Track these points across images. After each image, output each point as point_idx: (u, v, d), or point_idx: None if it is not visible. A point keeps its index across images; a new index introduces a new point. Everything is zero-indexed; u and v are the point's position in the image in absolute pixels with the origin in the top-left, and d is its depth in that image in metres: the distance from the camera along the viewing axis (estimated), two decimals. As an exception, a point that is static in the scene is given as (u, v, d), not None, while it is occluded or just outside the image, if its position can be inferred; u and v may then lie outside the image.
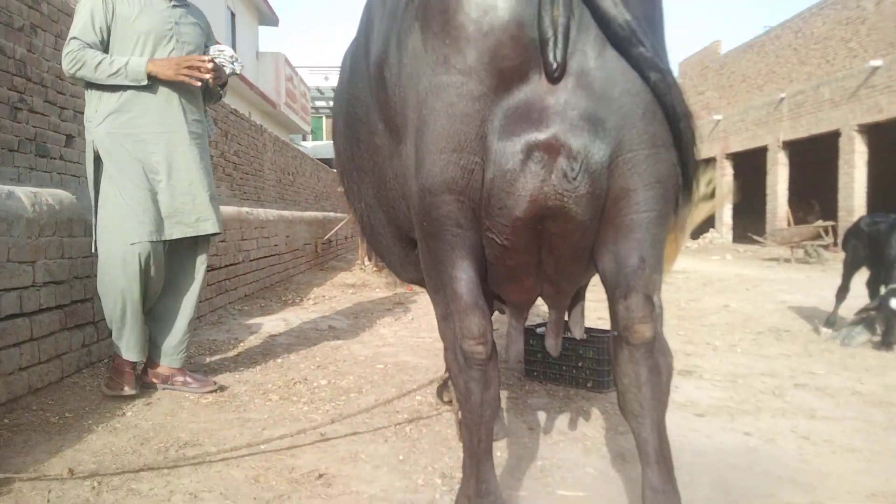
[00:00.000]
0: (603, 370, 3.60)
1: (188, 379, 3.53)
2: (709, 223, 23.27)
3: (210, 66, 3.30)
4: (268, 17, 26.13)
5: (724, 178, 22.48)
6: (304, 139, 33.42)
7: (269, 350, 4.65)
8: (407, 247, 2.31)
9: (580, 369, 3.67)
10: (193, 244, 3.56)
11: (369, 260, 2.91)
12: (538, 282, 1.92)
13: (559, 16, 1.53)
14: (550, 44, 1.54)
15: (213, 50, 3.62)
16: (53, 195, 3.41)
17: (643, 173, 1.64)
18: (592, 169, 1.61)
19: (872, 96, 15.50)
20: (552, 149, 1.59)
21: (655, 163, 1.65)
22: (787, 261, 14.30)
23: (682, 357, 4.69)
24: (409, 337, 5.33)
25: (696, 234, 24.20)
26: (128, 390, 3.32)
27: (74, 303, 3.55)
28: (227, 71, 3.59)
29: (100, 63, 3.18)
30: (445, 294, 1.81)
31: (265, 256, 7.99)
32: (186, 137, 3.40)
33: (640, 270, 1.65)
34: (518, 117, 1.60)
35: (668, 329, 5.80)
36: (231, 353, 4.49)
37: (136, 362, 3.41)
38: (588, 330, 3.79)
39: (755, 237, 17.43)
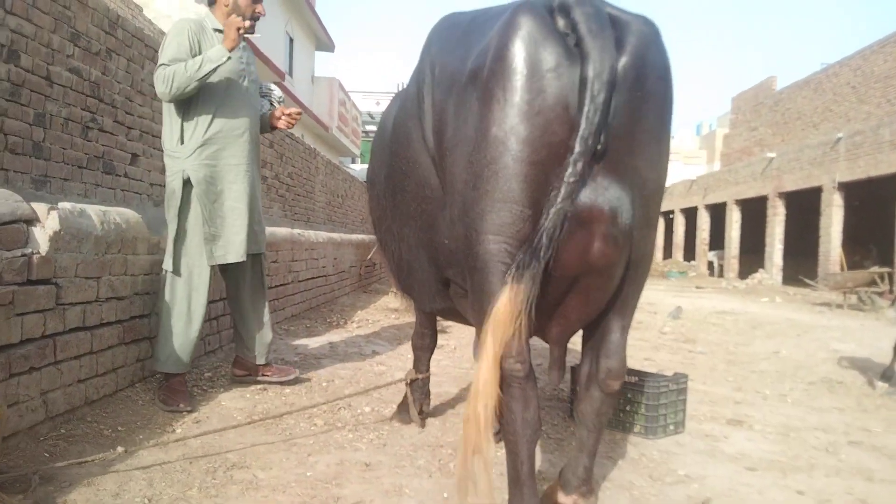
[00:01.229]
0: (652, 415, 3.54)
1: (272, 372, 4.15)
2: (759, 263, 22.79)
3: (248, 23, 3.59)
4: (324, 44, 26.72)
5: (776, 217, 21.99)
6: (353, 161, 33.90)
7: (314, 373, 4.70)
8: (438, 282, 2.67)
9: (627, 413, 3.62)
10: (258, 258, 4.04)
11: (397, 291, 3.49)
12: (570, 320, 2.26)
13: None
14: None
15: (264, 87, 4.22)
16: (121, 214, 3.53)
17: (637, 249, 2.07)
18: (624, 238, 1.99)
19: (936, 141, 15.08)
20: (599, 215, 1.93)
21: (648, 241, 2.13)
22: (840, 306, 13.89)
23: (731, 405, 4.59)
24: (452, 367, 5.33)
25: (744, 274, 23.71)
26: (183, 406, 3.51)
27: (133, 318, 3.65)
28: (274, 102, 4.19)
29: (185, 67, 3.42)
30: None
31: (313, 277, 8.10)
32: (256, 168, 3.85)
33: (621, 339, 2.22)
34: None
35: (717, 374, 5.72)
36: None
37: (185, 379, 3.73)
38: (637, 373, 3.75)
39: (806, 280, 17.00)
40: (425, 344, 3.62)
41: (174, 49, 3.52)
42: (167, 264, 3.63)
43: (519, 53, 1.86)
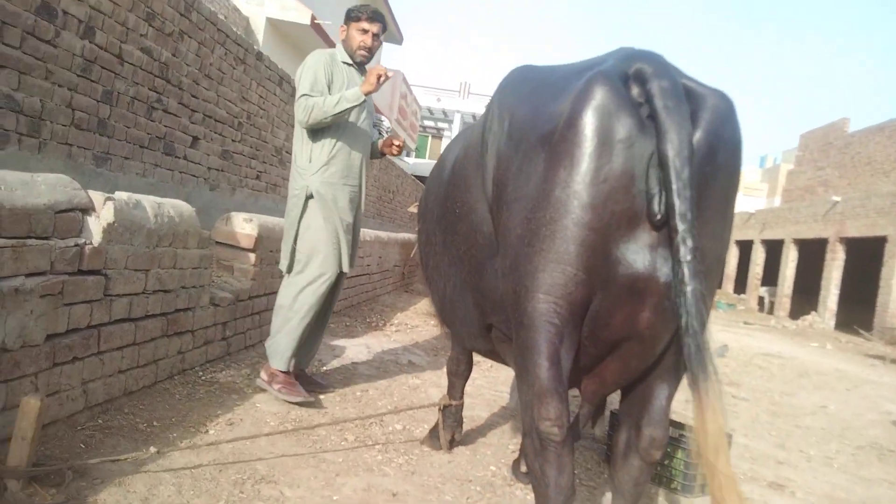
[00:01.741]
0: (691, 473, 3.41)
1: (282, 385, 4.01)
2: (811, 305, 22.12)
3: (391, 73, 3.98)
4: (393, 36, 26.80)
5: (834, 261, 21.30)
6: (408, 155, 34.01)
7: (349, 380, 4.66)
8: (480, 325, 2.69)
9: (665, 468, 3.49)
10: (342, 273, 4.16)
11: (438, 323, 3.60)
12: (614, 383, 2.26)
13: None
14: (655, 198, 1.86)
15: (375, 118, 4.49)
16: (175, 207, 3.53)
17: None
18: (667, 303, 1.93)
19: None
20: (653, 286, 1.92)
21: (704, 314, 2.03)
22: (894, 361, 13.37)
23: (773, 465, 4.41)
24: (487, 388, 5.24)
25: (795, 314, 23.06)
26: (306, 395, 3.90)
27: (178, 311, 3.66)
28: (383, 131, 4.45)
29: (324, 102, 3.78)
30: (528, 380, 1.99)
31: (357, 276, 8.09)
32: (364, 191, 4.19)
33: (666, 407, 2.15)
34: (625, 251, 1.91)
35: (759, 426, 5.51)
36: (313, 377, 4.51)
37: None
38: (678, 425, 3.61)
39: (861, 331, 16.42)
40: (460, 371, 3.57)
41: (312, 80, 3.88)
42: (282, 265, 4.04)
43: (591, 123, 1.88)
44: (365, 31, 4.09)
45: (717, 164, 1.94)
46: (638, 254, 1.91)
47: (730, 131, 1.99)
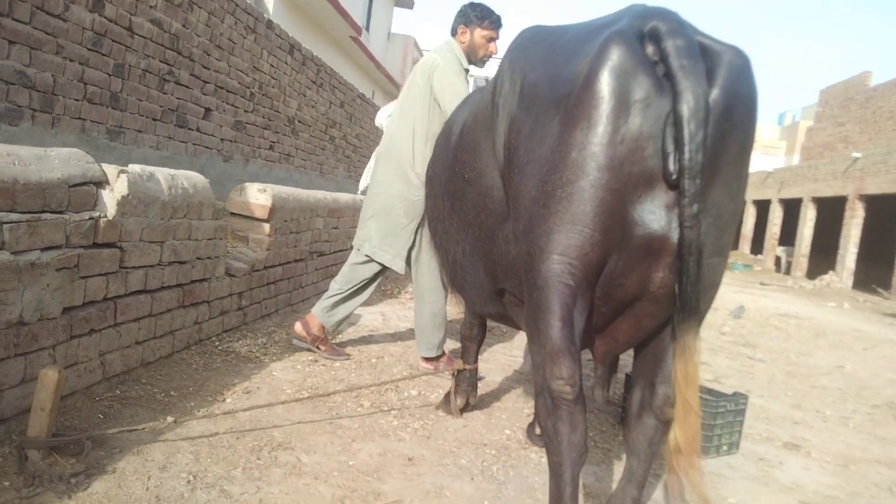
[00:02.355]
0: (707, 435, 3.42)
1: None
2: (829, 265, 21.93)
3: None
4: (404, 0, 26.49)
5: (853, 220, 21.03)
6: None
7: (365, 347, 4.71)
8: (492, 290, 2.69)
9: (679, 429, 3.51)
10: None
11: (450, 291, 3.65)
12: (622, 342, 2.28)
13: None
14: (671, 157, 1.85)
15: None
16: (188, 178, 3.54)
17: (709, 277, 1.98)
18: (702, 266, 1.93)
19: None
20: (669, 246, 1.92)
21: (717, 271, 2.04)
22: (914, 319, 13.26)
23: (788, 425, 4.42)
24: (502, 354, 5.27)
25: (812, 274, 22.88)
26: (342, 357, 4.31)
27: (193, 282, 3.70)
28: None
29: None
30: (540, 340, 2.00)
31: (371, 244, 8.10)
32: None
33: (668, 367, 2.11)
34: (642, 212, 1.91)
35: (775, 387, 5.51)
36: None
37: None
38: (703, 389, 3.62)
39: (879, 290, 16.27)
40: (473, 335, 3.59)
41: (461, 94, 3.75)
42: (394, 265, 4.20)
43: (608, 84, 1.87)
44: (491, 40, 4.05)
45: (734, 122, 1.92)
46: (654, 213, 1.91)
47: (746, 88, 1.97)
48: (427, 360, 4.33)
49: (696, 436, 1.96)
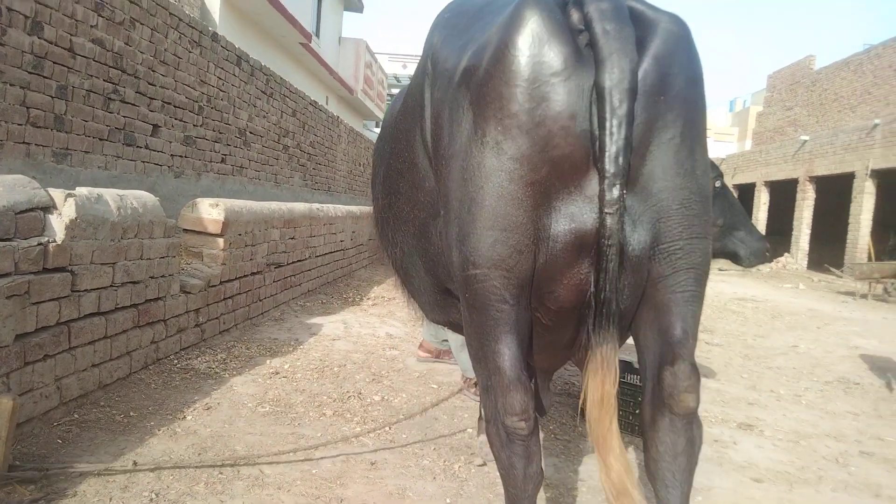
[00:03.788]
0: (659, 421, 3.52)
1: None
2: (784, 247, 22.49)
3: None
4: (353, 3, 26.41)
5: (805, 201, 21.62)
6: (377, 126, 33.76)
7: (327, 356, 4.73)
8: (438, 293, 2.36)
9: (636, 415, 3.61)
10: None
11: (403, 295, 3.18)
12: (571, 353, 1.98)
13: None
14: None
15: None
16: (138, 198, 3.54)
17: (679, 261, 1.72)
18: (635, 260, 1.69)
19: (975, 131, 14.63)
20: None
21: (689, 252, 1.73)
22: (864, 297, 13.69)
23: (744, 406, 4.56)
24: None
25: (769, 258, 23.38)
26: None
27: (148, 301, 3.69)
28: None
29: None
30: (488, 367, 1.79)
31: (331, 252, 8.12)
32: None
33: (685, 340, 1.70)
34: (569, 206, 1.66)
35: (732, 370, 5.68)
36: (290, 356, 4.58)
37: None
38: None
39: (832, 269, 16.75)
40: None
41: None
42: None
43: (520, 54, 1.63)
44: None
45: (673, 95, 1.69)
46: (586, 205, 1.65)
47: (684, 58, 1.73)
48: (468, 379, 4.15)
49: (625, 477, 1.64)
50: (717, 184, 3.39)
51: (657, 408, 1.73)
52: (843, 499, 3.13)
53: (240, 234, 4.98)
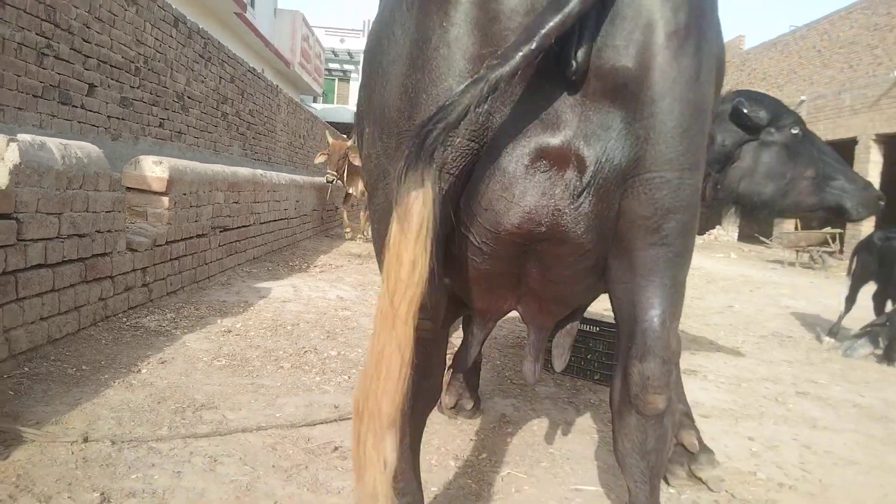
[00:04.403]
0: (612, 364, 3.64)
1: None
2: (715, 220, 23.24)
3: None
4: (289, -25, 25.80)
5: (733, 175, 22.37)
6: (315, 101, 33.21)
7: (278, 316, 4.69)
8: None
9: (588, 361, 3.72)
10: None
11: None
12: (514, 295, 1.72)
13: None
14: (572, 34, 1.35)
15: None
16: (82, 148, 3.41)
17: (663, 200, 1.44)
18: (602, 186, 1.44)
19: (894, 106, 15.41)
20: (561, 157, 1.43)
21: (678, 188, 1.44)
22: (792, 264, 14.33)
23: (686, 356, 4.73)
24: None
25: (701, 230, 24.17)
26: None
27: (95, 256, 3.58)
28: None
29: None
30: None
31: (275, 220, 8.00)
32: None
33: (661, 329, 1.48)
34: (525, 113, 1.43)
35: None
36: (241, 316, 4.52)
37: None
38: (598, 323, 3.83)
39: (762, 238, 17.44)
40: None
41: None
42: None
43: None
44: None
45: None
46: (549, 114, 1.43)
47: None
48: None
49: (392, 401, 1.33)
50: (796, 131, 3.02)
51: (625, 402, 1.55)
52: (784, 430, 3.31)
53: (184, 194, 4.86)
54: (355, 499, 1.43)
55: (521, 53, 1.30)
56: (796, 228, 15.99)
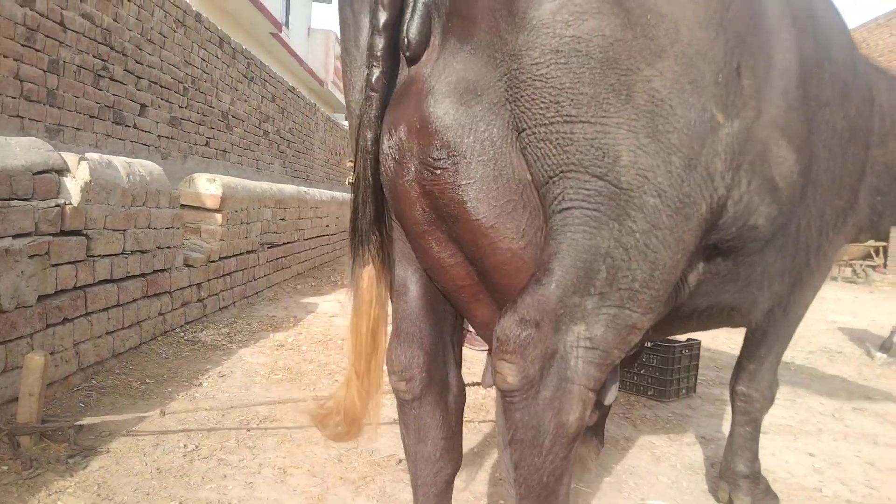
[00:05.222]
0: (666, 379, 3.62)
1: None
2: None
3: None
4: (322, -5, 26.23)
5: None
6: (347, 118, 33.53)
7: (328, 331, 4.74)
8: None
9: (642, 377, 3.69)
10: None
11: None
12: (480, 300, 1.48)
13: None
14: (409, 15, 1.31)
15: None
16: (144, 166, 3.51)
17: (551, 155, 1.22)
18: (470, 152, 1.26)
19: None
20: (410, 127, 1.30)
21: (569, 141, 1.20)
22: (834, 278, 14.05)
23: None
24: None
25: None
26: None
27: (156, 272, 3.67)
28: None
29: None
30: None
31: (318, 236, 8.10)
32: None
33: (533, 284, 1.23)
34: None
35: (720, 341, 5.82)
36: (292, 331, 4.58)
37: None
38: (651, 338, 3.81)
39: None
40: None
41: None
42: None
43: None
44: None
45: None
46: (408, 84, 1.34)
47: None
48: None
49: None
50: None
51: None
52: (844, 446, 3.25)
53: (235, 211, 4.95)
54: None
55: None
56: (837, 242, 15.66)
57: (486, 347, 1.94)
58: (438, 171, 1.27)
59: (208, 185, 4.66)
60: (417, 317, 1.49)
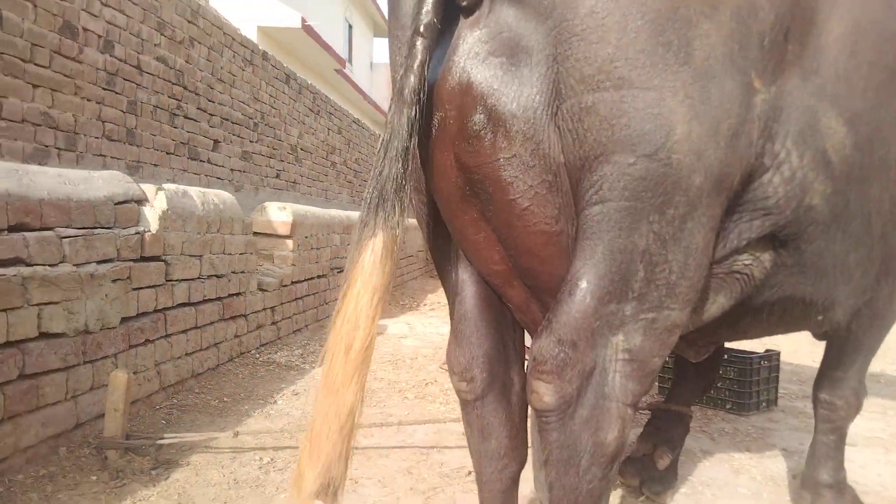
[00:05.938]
0: (744, 392, 3.50)
1: None
2: None
3: None
4: (383, 30, 26.88)
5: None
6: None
7: (397, 351, 4.79)
8: None
9: (719, 390, 3.59)
10: None
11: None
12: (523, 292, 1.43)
13: None
14: None
15: None
16: (218, 195, 3.67)
17: (595, 129, 1.12)
18: (512, 123, 1.18)
19: None
20: (452, 94, 1.22)
21: (619, 112, 1.11)
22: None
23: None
24: (531, 346, 5.36)
25: None
26: None
27: (231, 296, 3.80)
28: None
29: None
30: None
31: (385, 261, 8.20)
32: None
33: (567, 298, 1.19)
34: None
35: (802, 353, 5.59)
36: (363, 352, 4.65)
37: None
38: (728, 350, 3.70)
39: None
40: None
41: None
42: None
43: None
44: None
45: None
46: (448, 46, 1.26)
47: None
48: None
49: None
50: None
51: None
52: (941, 459, 3.07)
53: (306, 237, 5.09)
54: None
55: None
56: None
57: None
58: (476, 142, 1.20)
59: (279, 213, 4.81)
60: (475, 316, 1.46)
